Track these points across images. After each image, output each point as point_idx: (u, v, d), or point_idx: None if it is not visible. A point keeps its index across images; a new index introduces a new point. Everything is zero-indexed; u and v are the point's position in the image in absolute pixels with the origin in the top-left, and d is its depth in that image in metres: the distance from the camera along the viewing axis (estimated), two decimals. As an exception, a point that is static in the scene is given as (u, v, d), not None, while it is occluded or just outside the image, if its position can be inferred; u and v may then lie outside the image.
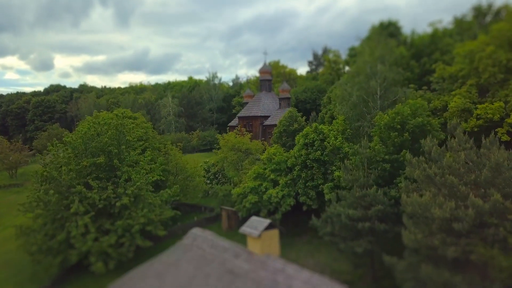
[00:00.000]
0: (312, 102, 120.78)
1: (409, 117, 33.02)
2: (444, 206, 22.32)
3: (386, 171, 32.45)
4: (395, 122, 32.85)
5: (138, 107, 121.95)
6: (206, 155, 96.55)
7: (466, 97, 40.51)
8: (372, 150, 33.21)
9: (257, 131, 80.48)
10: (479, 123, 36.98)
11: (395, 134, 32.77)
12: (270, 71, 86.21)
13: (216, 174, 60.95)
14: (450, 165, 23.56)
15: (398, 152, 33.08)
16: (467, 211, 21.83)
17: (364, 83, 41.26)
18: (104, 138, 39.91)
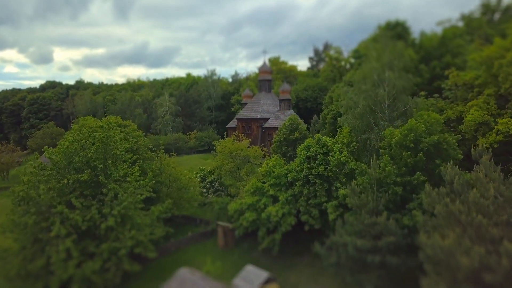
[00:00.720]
0: (313, 101, 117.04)
1: (424, 134, 29.49)
2: (471, 253, 18.94)
3: (398, 195, 29.03)
4: (408, 140, 29.36)
5: (134, 105, 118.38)
6: (203, 156, 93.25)
7: (483, 108, 36.92)
8: (382, 170, 29.74)
9: (256, 134, 76.99)
10: (499, 138, 33.50)
11: (408, 153, 29.30)
12: (270, 71, 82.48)
13: (213, 182, 57.59)
14: (477, 201, 20.07)
15: (411, 174, 29.63)
16: (500, 259, 18.44)
17: (371, 91, 37.66)
18: (88, 153, 36.48)
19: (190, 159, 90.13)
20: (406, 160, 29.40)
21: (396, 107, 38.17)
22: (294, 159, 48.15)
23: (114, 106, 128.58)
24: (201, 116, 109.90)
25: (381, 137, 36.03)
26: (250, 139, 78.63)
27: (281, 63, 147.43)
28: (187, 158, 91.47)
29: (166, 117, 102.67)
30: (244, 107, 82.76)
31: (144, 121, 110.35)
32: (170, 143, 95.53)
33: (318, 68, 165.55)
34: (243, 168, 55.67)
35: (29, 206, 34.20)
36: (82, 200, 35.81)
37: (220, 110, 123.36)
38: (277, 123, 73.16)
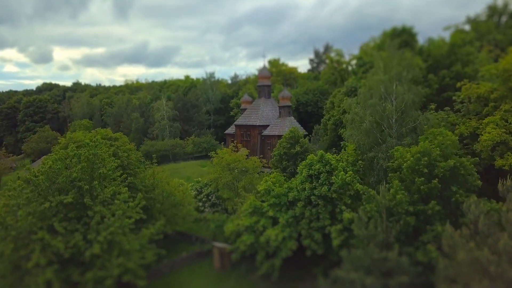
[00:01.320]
0: (313, 105, 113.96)
1: (439, 158, 26.57)
2: (504, 314, 15.99)
3: (410, 226, 26.14)
4: (421, 165, 26.44)
5: (131, 109, 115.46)
6: (201, 163, 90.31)
7: (501, 126, 34.02)
8: (392, 197, 26.84)
9: (255, 141, 74.09)
10: (519, 159, 30.75)
11: (421, 180, 26.38)
12: (270, 76, 79.49)
13: (209, 195, 54.73)
14: (509, 250, 17.12)
15: (424, 201, 26.71)
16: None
17: (378, 106, 34.74)
18: (73, 173, 33.63)
19: (187, 166, 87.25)
20: (419, 187, 26.49)
21: (405, 123, 35.27)
22: (295, 174, 45.32)
23: (111, 110, 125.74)
24: (199, 121, 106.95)
25: (389, 155, 33.11)
26: (249, 146, 75.80)
27: (281, 65, 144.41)
28: (184, 165, 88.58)
29: (163, 122, 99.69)
30: (243, 113, 79.85)
31: (141, 125, 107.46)
32: (167, 149, 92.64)
33: (318, 70, 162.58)
34: (241, 181, 52.83)
35: (7, 232, 31.33)
36: (66, 224, 33.00)
37: (218, 114, 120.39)
38: (277, 130, 70.26)
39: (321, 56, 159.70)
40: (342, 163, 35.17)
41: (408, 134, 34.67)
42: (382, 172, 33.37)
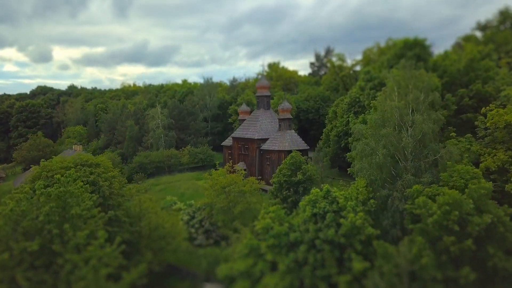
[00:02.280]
0: (315, 112, 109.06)
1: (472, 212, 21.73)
2: None
3: (438, 296, 21.31)
4: (451, 220, 21.59)
5: (126, 116, 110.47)
6: (197, 175, 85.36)
7: (538, 162, 29.34)
8: (415, 258, 22.02)
9: (253, 155, 69.25)
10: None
11: (451, 239, 21.53)
12: (268, 86, 74.59)
13: (202, 221, 49.93)
14: None
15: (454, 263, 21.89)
16: None
17: (392, 136, 29.90)
18: (40, 215, 28.84)
19: (183, 178, 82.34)
20: (448, 246, 21.67)
21: (423, 155, 30.40)
22: (297, 204, 40.51)
23: (106, 116, 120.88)
24: (195, 129, 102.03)
25: (406, 196, 28.27)
26: (247, 160, 71.04)
27: (281, 69, 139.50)
28: (179, 177, 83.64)
29: (158, 130, 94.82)
30: (241, 125, 74.98)
31: (135, 133, 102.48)
32: (161, 161, 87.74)
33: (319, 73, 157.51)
34: (238, 205, 48.03)
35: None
36: (32, 274, 28.24)
37: (216, 121, 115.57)
38: (276, 145, 65.40)
39: (322, 60, 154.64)
40: (351, 201, 30.34)
41: (427, 169, 29.88)
42: (398, 214, 28.60)
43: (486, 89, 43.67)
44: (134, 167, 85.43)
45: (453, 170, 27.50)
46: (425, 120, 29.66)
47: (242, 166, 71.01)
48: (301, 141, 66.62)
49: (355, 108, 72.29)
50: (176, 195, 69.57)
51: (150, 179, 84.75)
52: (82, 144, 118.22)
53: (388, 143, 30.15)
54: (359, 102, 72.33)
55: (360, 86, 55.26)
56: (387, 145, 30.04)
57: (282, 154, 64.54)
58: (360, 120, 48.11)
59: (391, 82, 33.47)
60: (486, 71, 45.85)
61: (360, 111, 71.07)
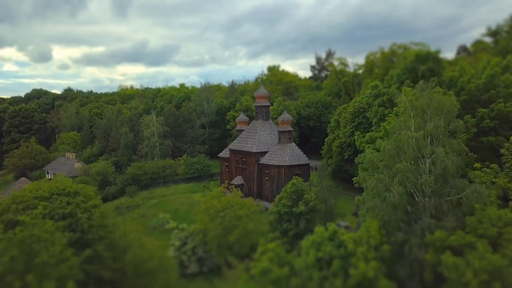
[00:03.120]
0: (316, 119, 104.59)
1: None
2: None
3: None
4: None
5: (121, 122, 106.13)
6: (193, 187, 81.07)
7: None
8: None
9: (251, 170, 64.90)
10: None
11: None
12: (268, 95, 70.10)
13: (195, 248, 45.62)
14: None
15: None
16: None
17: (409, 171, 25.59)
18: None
19: (177, 191, 77.99)
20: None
21: (445, 192, 26.08)
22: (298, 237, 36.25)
23: (100, 121, 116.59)
24: (192, 137, 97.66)
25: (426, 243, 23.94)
26: (245, 175, 66.73)
27: (281, 73, 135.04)
28: (174, 189, 79.31)
29: (153, 139, 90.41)
30: (239, 136, 70.59)
31: (130, 141, 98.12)
32: (156, 172, 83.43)
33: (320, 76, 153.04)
34: (233, 231, 43.74)
35: None
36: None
37: (214, 127, 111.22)
38: (276, 159, 61.04)
39: (323, 63, 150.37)
40: (361, 247, 26.01)
41: (450, 209, 25.59)
42: (416, 264, 24.34)
43: (509, 108, 39.27)
44: (127, 178, 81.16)
45: (483, 214, 23.28)
46: (447, 153, 25.41)
47: (239, 180, 66.76)
48: (302, 155, 62.22)
49: (359, 118, 68.05)
50: (170, 212, 65.37)
51: (143, 191, 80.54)
52: (75, 151, 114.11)
53: (404, 179, 25.89)
54: (363, 113, 68.07)
55: (367, 102, 50.67)
56: (403, 181, 25.77)
57: (282, 170, 60.27)
58: (367, 139, 43.78)
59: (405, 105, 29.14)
60: (507, 87, 41.40)
61: (365, 123, 66.85)
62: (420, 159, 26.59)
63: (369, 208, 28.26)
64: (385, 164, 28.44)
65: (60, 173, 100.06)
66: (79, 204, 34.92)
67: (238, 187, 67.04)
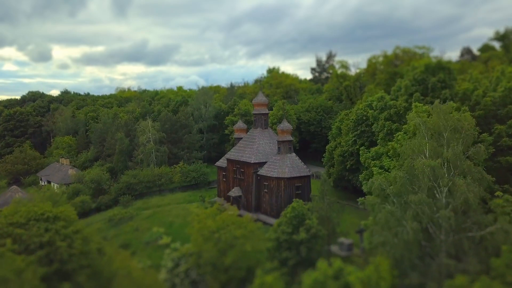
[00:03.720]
0: (316, 124, 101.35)
1: None
2: None
3: None
4: None
5: (116, 127, 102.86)
6: (189, 196, 77.87)
7: None
8: None
9: (250, 181, 61.68)
10: None
11: None
12: (267, 102, 66.79)
13: (188, 271, 42.40)
14: None
15: None
16: None
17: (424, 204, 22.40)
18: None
19: (173, 201, 74.83)
20: None
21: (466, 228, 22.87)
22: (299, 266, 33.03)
23: (96, 125, 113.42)
24: (189, 143, 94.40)
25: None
26: (243, 186, 63.52)
27: (281, 75, 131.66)
28: (169, 199, 76.15)
29: (148, 145, 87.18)
30: (237, 145, 67.34)
31: (126, 147, 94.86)
32: (151, 180, 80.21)
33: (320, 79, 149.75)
34: (229, 253, 40.54)
35: None
36: None
37: (212, 132, 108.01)
38: (275, 171, 57.81)
39: (323, 65, 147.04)
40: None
41: (471, 247, 22.43)
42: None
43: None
44: (121, 187, 77.93)
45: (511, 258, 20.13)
46: (469, 185, 22.25)
47: (237, 192, 63.57)
48: (302, 166, 58.98)
49: (362, 127, 64.85)
50: (164, 225, 62.16)
51: (138, 200, 77.31)
52: (70, 156, 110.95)
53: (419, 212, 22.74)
54: (366, 121, 64.86)
55: (372, 115, 47.27)
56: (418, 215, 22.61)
57: (281, 182, 57.06)
58: (372, 154, 40.55)
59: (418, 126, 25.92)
60: (524, 101, 38.25)
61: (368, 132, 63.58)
62: (436, 188, 23.44)
63: (378, 243, 25.07)
64: (396, 191, 25.28)
65: (54, 180, 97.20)
66: (59, 230, 31.72)
67: (235, 199, 64.02)
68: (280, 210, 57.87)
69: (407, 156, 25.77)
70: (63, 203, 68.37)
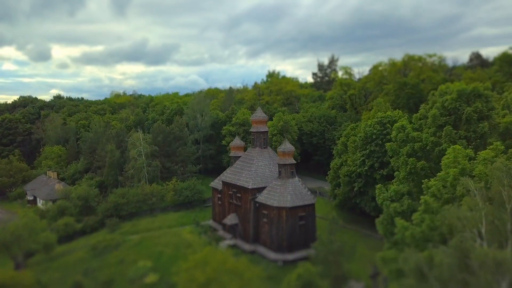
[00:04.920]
0: (319, 135, 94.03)
1: None
2: None
3: None
4: None
5: (107, 138, 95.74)
6: (182, 218, 70.89)
7: None
8: None
9: (247, 208, 54.74)
10: None
11: None
12: (266, 119, 59.66)
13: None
14: None
15: None
16: None
17: None
18: None
19: (164, 223, 67.71)
20: None
21: None
22: None
23: (87, 134, 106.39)
24: (184, 156, 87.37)
25: None
26: (240, 212, 56.60)
27: (281, 81, 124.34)
28: (161, 221, 69.09)
29: (139, 160, 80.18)
30: (233, 166, 60.31)
31: (116, 159, 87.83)
32: (141, 200, 73.28)
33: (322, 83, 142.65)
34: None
35: None
36: None
37: (209, 142, 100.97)
38: (276, 198, 50.85)
39: (325, 70, 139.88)
40: None
41: None
42: None
43: None
44: (109, 208, 70.92)
45: None
46: None
47: (233, 219, 56.67)
48: (306, 193, 52.06)
49: (371, 146, 58.01)
50: (152, 256, 55.14)
51: (126, 222, 70.36)
52: (60, 167, 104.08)
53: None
54: (376, 140, 58.01)
55: (391, 149, 40.05)
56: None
57: (283, 212, 50.15)
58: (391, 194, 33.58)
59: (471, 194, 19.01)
60: None
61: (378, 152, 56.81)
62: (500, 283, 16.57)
63: None
64: (439, 277, 18.42)
65: (40, 195, 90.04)
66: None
67: (231, 227, 57.13)
68: (281, 243, 51.07)
69: (454, 227, 18.99)
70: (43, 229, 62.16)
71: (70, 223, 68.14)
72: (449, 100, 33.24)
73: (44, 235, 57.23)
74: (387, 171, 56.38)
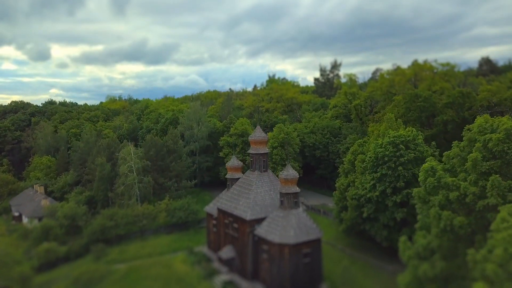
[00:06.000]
0: (323, 148, 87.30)
1: None
2: None
3: None
4: None
5: (98, 150, 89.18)
6: (175, 242, 64.40)
7: None
8: None
9: (245, 241, 48.23)
10: None
11: None
12: (266, 140, 53.17)
13: None
14: None
15: None
16: None
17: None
18: None
19: (155, 249, 61.09)
20: None
21: None
22: None
23: (77, 144, 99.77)
24: (178, 171, 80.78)
25: None
26: (237, 245, 50.08)
27: (282, 87, 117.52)
28: (151, 246, 62.41)
29: (130, 176, 73.64)
30: (229, 191, 53.73)
31: (106, 173, 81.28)
32: (130, 222, 66.75)
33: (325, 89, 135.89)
34: None
35: None
36: None
37: (205, 153, 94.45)
38: (277, 233, 44.30)
39: (327, 75, 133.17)
40: None
41: None
42: None
43: None
44: (95, 231, 64.30)
45: None
46: None
47: (229, 253, 50.17)
48: (311, 226, 45.54)
49: (383, 169, 51.60)
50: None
51: (114, 246, 63.87)
52: (49, 179, 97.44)
53: None
54: (388, 162, 51.60)
55: (419, 196, 33.08)
56: None
57: (285, 249, 43.58)
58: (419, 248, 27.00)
59: None
60: None
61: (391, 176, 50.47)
62: None
63: None
64: None
65: (25, 212, 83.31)
66: None
67: (227, 261, 50.67)
68: (283, 283, 44.67)
69: None
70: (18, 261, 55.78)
71: (52, 248, 61.61)
72: (495, 141, 26.61)
73: (19, 269, 50.79)
74: (400, 197, 50.19)
